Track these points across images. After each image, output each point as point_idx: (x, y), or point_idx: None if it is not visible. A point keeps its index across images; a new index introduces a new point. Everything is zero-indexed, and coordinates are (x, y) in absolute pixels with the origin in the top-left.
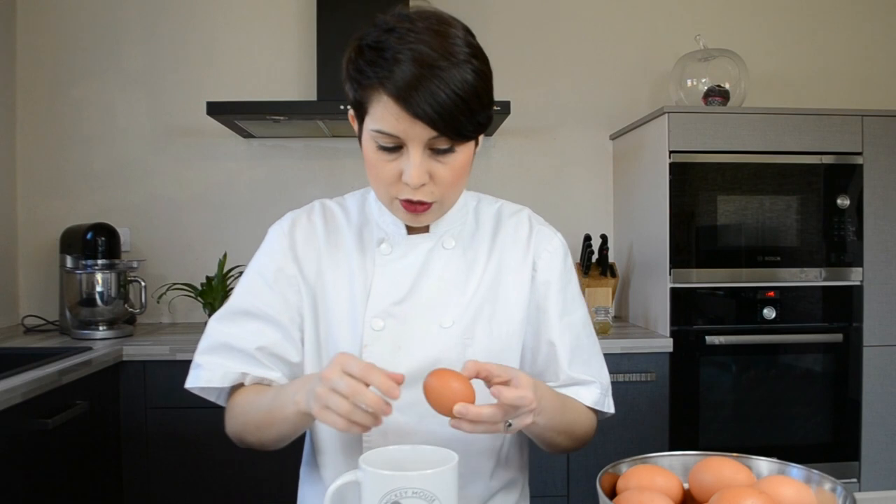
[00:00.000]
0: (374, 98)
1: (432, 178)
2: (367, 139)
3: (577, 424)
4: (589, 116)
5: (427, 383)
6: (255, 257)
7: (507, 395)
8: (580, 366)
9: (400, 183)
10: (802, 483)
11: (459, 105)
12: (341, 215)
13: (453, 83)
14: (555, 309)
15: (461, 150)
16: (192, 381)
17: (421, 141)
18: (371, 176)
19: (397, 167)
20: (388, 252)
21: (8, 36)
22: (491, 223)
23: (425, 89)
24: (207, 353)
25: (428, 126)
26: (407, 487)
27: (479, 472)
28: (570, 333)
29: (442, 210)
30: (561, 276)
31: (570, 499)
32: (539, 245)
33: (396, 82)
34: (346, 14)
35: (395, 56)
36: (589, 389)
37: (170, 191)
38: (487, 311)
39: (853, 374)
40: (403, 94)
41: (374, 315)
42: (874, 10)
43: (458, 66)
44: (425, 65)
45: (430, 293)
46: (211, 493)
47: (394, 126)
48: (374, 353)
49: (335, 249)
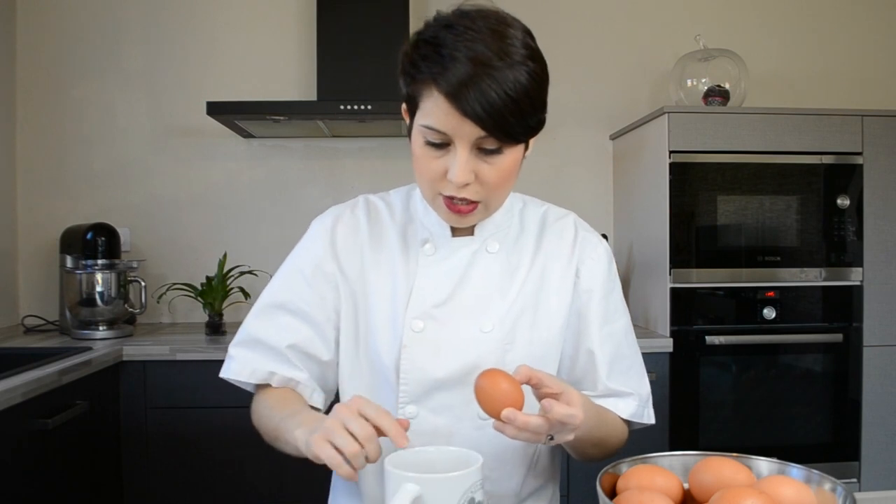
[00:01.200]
0: (425, 93)
1: (478, 178)
2: (416, 134)
3: (612, 437)
4: (589, 116)
5: (478, 383)
6: (295, 251)
7: (558, 410)
8: (619, 376)
9: (445, 180)
10: (802, 483)
11: (510, 105)
12: (385, 212)
13: (506, 83)
14: (596, 318)
15: (509, 153)
16: (224, 372)
17: (469, 140)
18: (417, 171)
19: (443, 164)
20: (432, 253)
21: (8, 36)
22: (536, 227)
23: (476, 88)
24: (241, 346)
25: (477, 125)
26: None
27: (510, 477)
28: (611, 343)
29: (486, 212)
30: (604, 284)
31: (570, 499)
32: (583, 252)
33: (448, 79)
34: (346, 14)
35: (450, 53)
36: (626, 402)
37: (170, 191)
38: (528, 318)
39: (853, 374)
40: (454, 91)
41: (414, 316)
42: (874, 10)
43: (512, 66)
44: (479, 63)
45: (471, 297)
46: (211, 493)
47: (443, 123)
48: (414, 354)
49: (378, 247)
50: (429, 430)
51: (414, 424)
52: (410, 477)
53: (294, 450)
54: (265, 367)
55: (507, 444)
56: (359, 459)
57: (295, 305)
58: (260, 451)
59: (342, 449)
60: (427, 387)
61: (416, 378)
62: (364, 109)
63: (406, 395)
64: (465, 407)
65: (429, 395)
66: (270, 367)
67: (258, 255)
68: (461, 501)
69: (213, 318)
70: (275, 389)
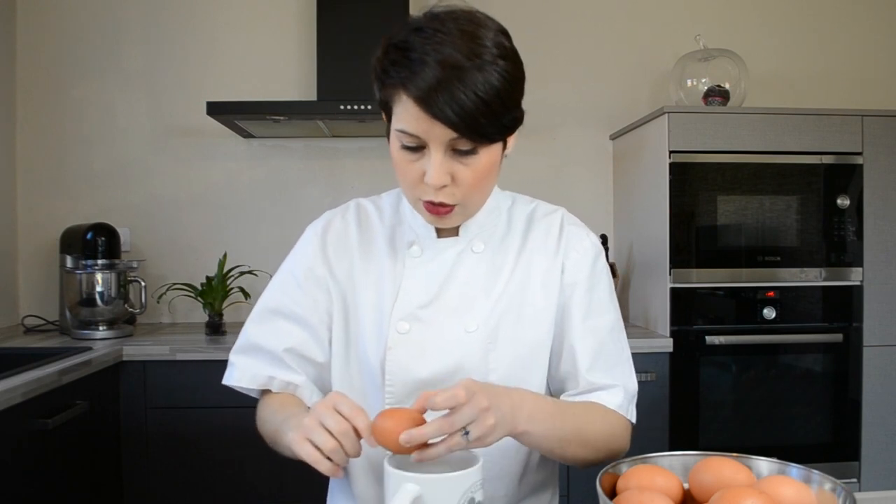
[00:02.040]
0: (396, 98)
1: (454, 179)
2: (392, 138)
3: (589, 431)
4: (589, 116)
5: (374, 426)
6: (290, 256)
7: (436, 400)
8: (602, 371)
9: (423, 184)
10: (802, 483)
11: (481, 108)
12: (375, 216)
13: (475, 85)
14: (578, 311)
15: (485, 153)
16: (226, 379)
17: (442, 142)
18: (398, 175)
19: (420, 168)
20: (418, 255)
21: (8, 36)
22: (522, 225)
23: (445, 91)
24: (240, 353)
25: (448, 127)
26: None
27: (503, 478)
28: (594, 338)
29: (465, 213)
30: (588, 277)
31: (570, 499)
32: (569, 245)
33: (418, 84)
34: (346, 14)
35: (420, 57)
36: (611, 393)
37: (170, 191)
38: (513, 316)
39: (853, 374)
40: (423, 96)
41: (400, 318)
42: (874, 10)
43: (482, 68)
44: (447, 66)
45: (456, 297)
46: (211, 493)
47: (414, 127)
48: (398, 355)
49: (367, 251)
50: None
51: None
52: (410, 477)
53: (290, 452)
54: (264, 373)
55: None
56: (338, 454)
57: (289, 310)
58: (260, 451)
59: (320, 446)
60: (412, 388)
61: (402, 379)
62: (364, 109)
63: (392, 397)
64: None
65: (414, 396)
66: (269, 372)
67: (258, 255)
68: (461, 501)
69: (213, 318)
70: (276, 395)
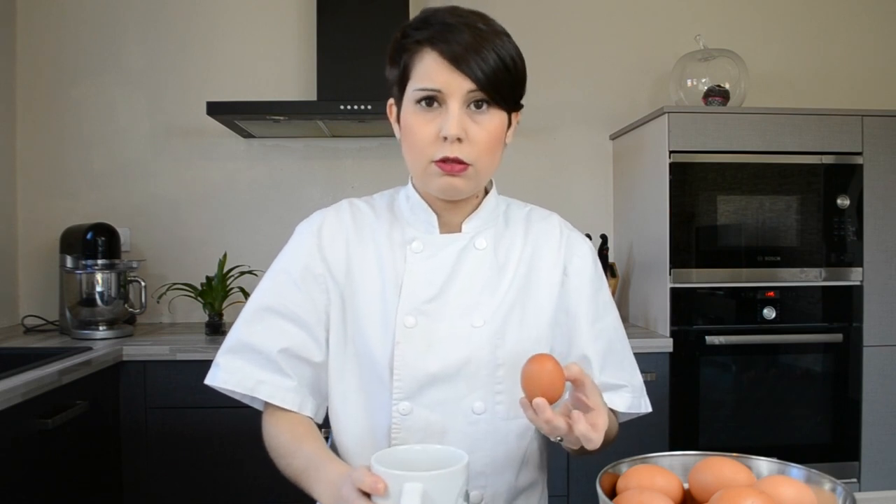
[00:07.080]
0: (418, 57)
1: (468, 136)
2: (407, 104)
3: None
4: (589, 116)
5: (526, 366)
6: (281, 255)
7: (580, 429)
8: (611, 369)
9: (437, 143)
10: (802, 483)
11: (499, 64)
12: (370, 213)
13: (496, 46)
14: (586, 315)
15: (495, 115)
16: (210, 379)
17: (461, 94)
18: (409, 144)
19: (436, 126)
20: (420, 250)
21: (8, 36)
22: (521, 226)
23: (469, 45)
24: (229, 354)
25: (468, 78)
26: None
27: (504, 471)
28: (603, 339)
29: (476, 179)
30: (592, 281)
31: (570, 499)
32: (570, 250)
33: (444, 37)
34: (346, 14)
35: (443, 20)
36: (620, 395)
37: (170, 191)
38: (518, 313)
39: (853, 374)
40: (448, 48)
41: (406, 312)
42: (874, 10)
43: (500, 35)
44: (471, 27)
45: (461, 292)
46: (211, 493)
47: (437, 80)
48: (406, 350)
49: (364, 247)
50: (422, 427)
51: (408, 421)
52: (410, 476)
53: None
54: (253, 376)
55: (501, 439)
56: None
57: (285, 308)
58: (260, 452)
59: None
60: (421, 382)
61: (410, 374)
62: (364, 109)
63: (400, 392)
64: (459, 402)
65: (422, 390)
66: (258, 376)
67: (258, 255)
68: (459, 495)
69: (213, 318)
70: (285, 418)
